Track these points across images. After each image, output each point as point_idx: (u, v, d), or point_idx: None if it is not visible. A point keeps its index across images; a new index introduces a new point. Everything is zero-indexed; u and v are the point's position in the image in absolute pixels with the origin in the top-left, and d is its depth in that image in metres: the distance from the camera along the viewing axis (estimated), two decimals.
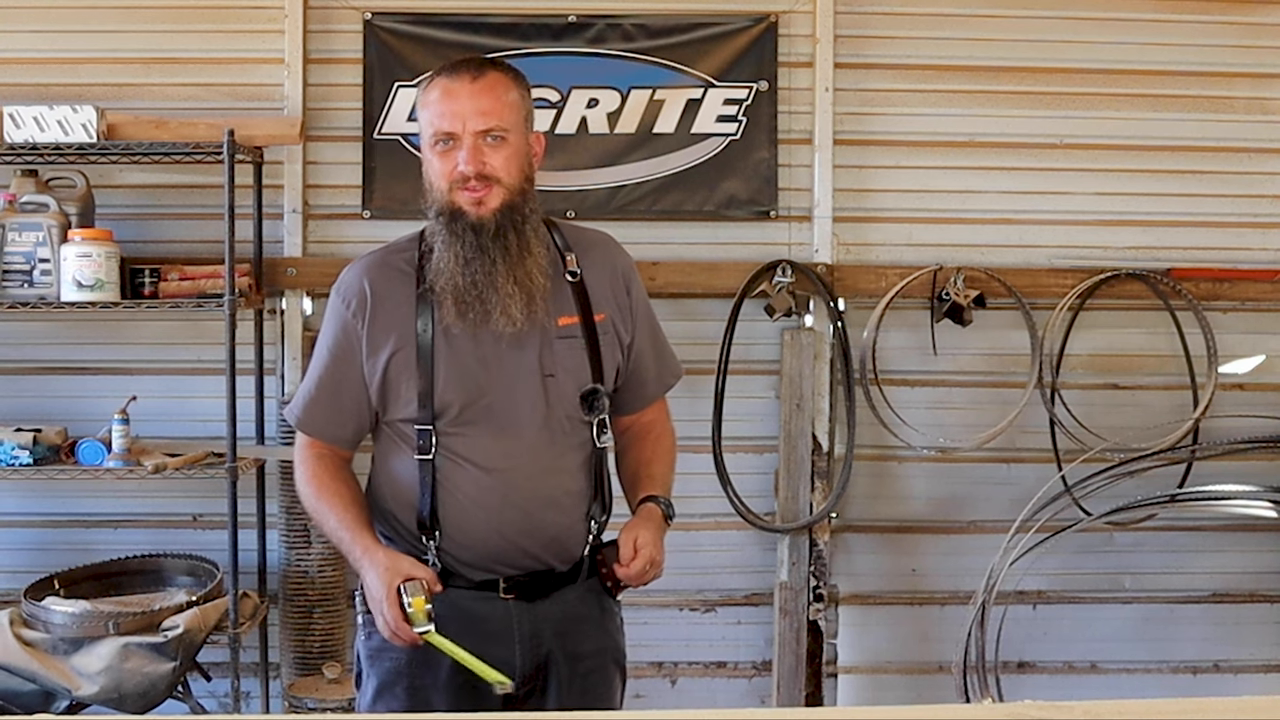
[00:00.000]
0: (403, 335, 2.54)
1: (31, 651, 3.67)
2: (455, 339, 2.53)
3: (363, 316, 2.56)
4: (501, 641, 2.56)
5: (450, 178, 2.52)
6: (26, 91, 4.14)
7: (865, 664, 4.51)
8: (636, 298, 2.71)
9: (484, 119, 2.50)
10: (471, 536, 2.54)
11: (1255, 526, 4.49)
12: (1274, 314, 4.48)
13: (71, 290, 3.84)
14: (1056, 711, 1.51)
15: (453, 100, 2.51)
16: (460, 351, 2.53)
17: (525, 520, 2.55)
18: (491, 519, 2.53)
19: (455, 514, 2.54)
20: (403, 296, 2.56)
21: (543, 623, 2.58)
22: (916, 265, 4.33)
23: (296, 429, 2.67)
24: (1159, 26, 4.41)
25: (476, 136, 2.50)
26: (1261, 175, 4.46)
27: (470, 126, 2.50)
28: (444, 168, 2.52)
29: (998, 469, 4.46)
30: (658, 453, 2.76)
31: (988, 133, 4.40)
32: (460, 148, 2.50)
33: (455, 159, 2.51)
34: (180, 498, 4.27)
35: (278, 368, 4.27)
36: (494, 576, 2.57)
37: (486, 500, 2.53)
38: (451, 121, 2.50)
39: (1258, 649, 4.57)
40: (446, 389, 2.52)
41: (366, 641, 2.60)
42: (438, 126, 2.52)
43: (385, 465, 2.62)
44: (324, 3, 4.27)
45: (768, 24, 4.34)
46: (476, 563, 2.56)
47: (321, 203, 4.32)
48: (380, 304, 2.56)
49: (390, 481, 2.61)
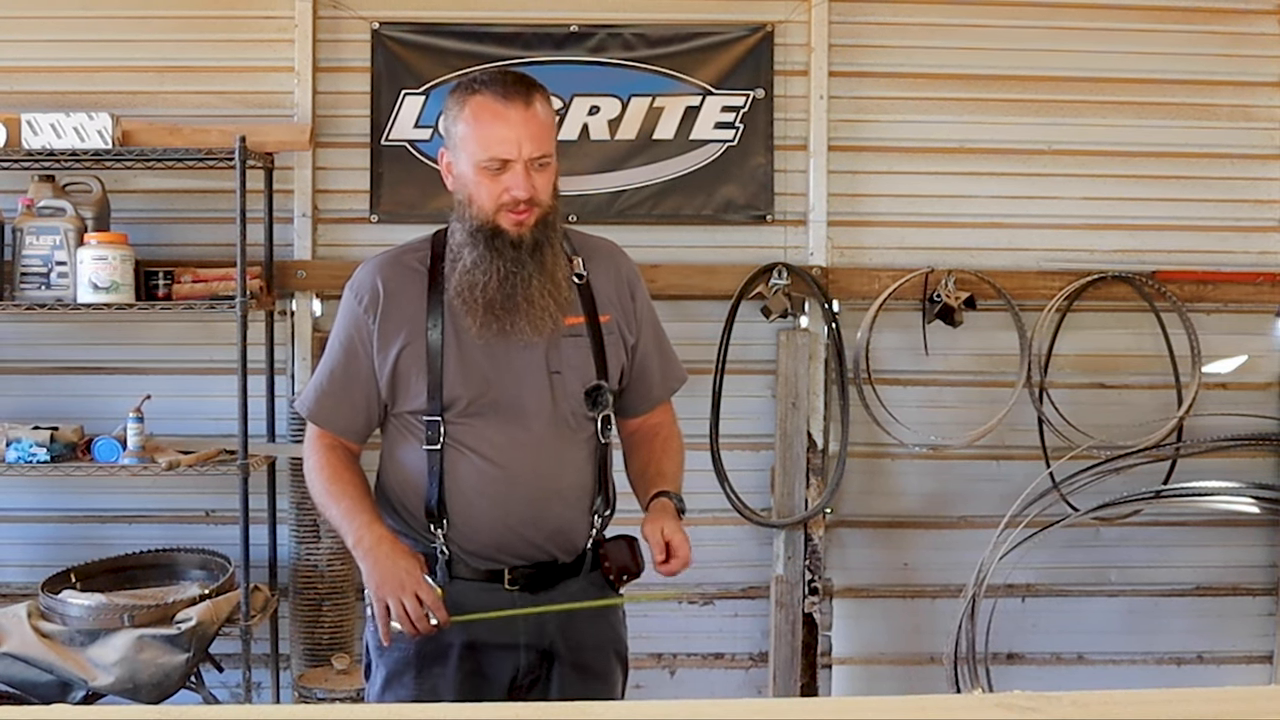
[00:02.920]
0: (413, 330, 2.54)
1: (49, 643, 3.67)
2: (465, 335, 2.53)
3: (374, 311, 2.56)
4: (506, 632, 2.56)
5: (499, 200, 2.50)
6: (44, 99, 4.14)
7: (859, 655, 4.51)
8: (641, 303, 2.71)
9: (537, 146, 2.49)
10: (477, 526, 2.54)
11: (1238, 522, 4.49)
12: (1256, 315, 4.49)
13: (87, 292, 3.84)
14: (1045, 701, 1.51)
15: (507, 126, 2.47)
16: (469, 347, 2.54)
17: (530, 511, 2.55)
18: (497, 509, 2.54)
19: (462, 504, 2.54)
20: (414, 293, 2.56)
21: (547, 614, 2.58)
22: (909, 268, 4.33)
23: (307, 419, 2.66)
24: (1144, 36, 4.41)
25: (529, 163, 2.49)
26: (1244, 180, 4.46)
27: (524, 153, 2.48)
28: (493, 190, 2.50)
29: (988, 466, 4.46)
30: (667, 451, 2.76)
31: (978, 139, 4.41)
32: (510, 172, 2.48)
33: (504, 183, 2.49)
34: (193, 494, 4.27)
35: (288, 367, 4.28)
36: (499, 567, 2.57)
37: (493, 491, 2.53)
38: (507, 148, 2.47)
39: (1240, 641, 4.57)
40: (455, 382, 2.52)
41: (376, 633, 2.59)
42: (493, 152, 2.48)
43: (394, 456, 2.63)
44: (333, 13, 4.27)
45: (764, 33, 4.34)
46: (482, 552, 2.56)
47: (330, 207, 4.32)
48: (392, 299, 2.56)
49: (399, 471, 2.61)
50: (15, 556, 4.27)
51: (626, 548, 2.63)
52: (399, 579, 2.46)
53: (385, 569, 2.47)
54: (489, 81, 2.53)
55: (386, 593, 2.46)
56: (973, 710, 1.51)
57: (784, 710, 1.63)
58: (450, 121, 2.54)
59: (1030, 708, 1.49)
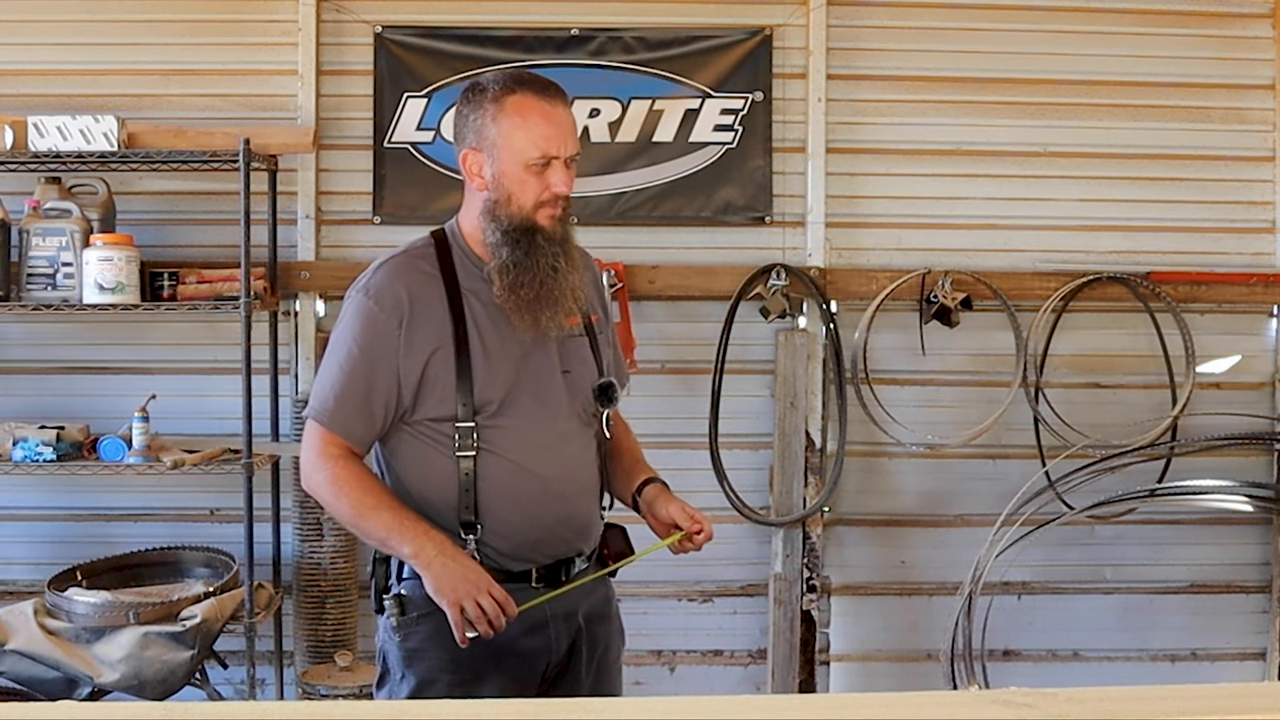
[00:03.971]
0: (440, 335, 2.50)
1: (55, 640, 3.67)
2: (488, 338, 2.52)
3: (399, 318, 2.50)
4: (538, 631, 2.55)
5: (541, 197, 2.51)
6: (50, 102, 4.14)
7: (856, 652, 4.51)
8: (607, 303, 2.79)
9: (575, 144, 2.54)
10: (512, 527, 2.53)
11: (1231, 520, 4.49)
12: (1249, 315, 4.49)
13: (93, 293, 3.84)
14: (1041, 698, 1.51)
15: (554, 125, 2.49)
16: (493, 349, 2.52)
17: (563, 508, 2.56)
18: (532, 509, 2.53)
19: (498, 507, 2.51)
20: (435, 298, 2.53)
21: (572, 608, 2.59)
22: (906, 269, 4.33)
23: (323, 427, 2.53)
24: (1139, 40, 4.41)
25: (569, 160, 2.52)
26: (1237, 182, 4.46)
27: (567, 151, 2.51)
28: (537, 188, 2.50)
29: (984, 465, 4.46)
30: (635, 444, 2.79)
31: (974, 141, 4.40)
32: (553, 169, 2.50)
33: (548, 180, 2.50)
34: (198, 492, 4.27)
35: (291, 367, 4.27)
36: (529, 567, 2.55)
37: (526, 492, 2.52)
38: (554, 145, 2.49)
39: (1234, 638, 4.57)
40: (486, 385, 2.50)
41: (404, 643, 2.53)
42: (544, 150, 2.48)
43: (412, 464, 2.55)
44: (336, 17, 4.27)
45: (763, 37, 4.34)
46: (516, 554, 2.54)
47: (333, 209, 4.32)
48: (417, 306, 2.51)
49: (421, 482, 2.54)
50: (22, 554, 4.27)
51: (621, 535, 2.69)
52: (472, 582, 2.43)
53: (455, 574, 2.44)
54: (523, 81, 2.53)
55: (461, 596, 2.42)
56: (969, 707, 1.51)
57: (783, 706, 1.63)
58: (483, 122, 2.51)
59: (1026, 704, 1.49)
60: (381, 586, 2.57)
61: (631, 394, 2.84)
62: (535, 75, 2.57)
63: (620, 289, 4.16)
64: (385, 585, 2.56)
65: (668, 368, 4.37)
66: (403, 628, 2.52)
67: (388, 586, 2.56)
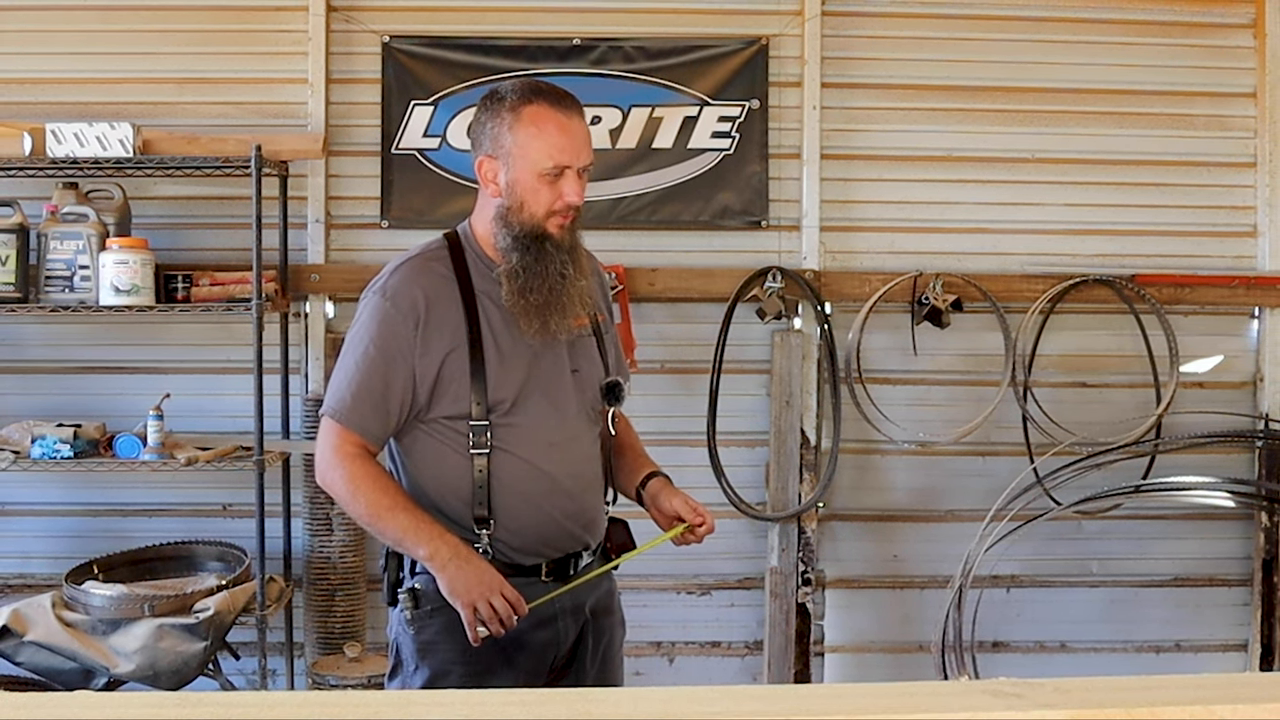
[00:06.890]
0: (455, 335, 2.50)
1: (72, 632, 3.67)
2: (501, 338, 2.51)
3: (415, 319, 2.49)
4: (547, 625, 2.55)
5: (553, 206, 2.50)
6: (67, 109, 4.14)
7: (850, 644, 4.51)
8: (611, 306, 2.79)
9: (589, 155, 2.53)
10: (523, 523, 2.52)
11: (1214, 515, 4.49)
12: (1231, 317, 4.49)
13: (109, 295, 3.84)
14: (1028, 688, 1.51)
15: (569, 136, 2.49)
16: (506, 349, 2.51)
17: (572, 503, 2.56)
18: (544, 504, 2.53)
19: (511, 502, 2.51)
20: (450, 299, 2.52)
21: (579, 602, 2.59)
22: (898, 271, 4.33)
23: (341, 424, 2.51)
24: (1124, 49, 4.41)
25: (582, 171, 2.51)
26: (1220, 187, 4.46)
27: (580, 161, 2.50)
28: (549, 197, 2.49)
29: (974, 462, 4.46)
30: (637, 440, 2.79)
31: (965, 148, 4.41)
32: (566, 179, 2.49)
33: (560, 189, 2.49)
34: (211, 488, 4.27)
35: (302, 367, 4.28)
36: (539, 561, 2.55)
37: (538, 487, 2.52)
38: (569, 156, 2.48)
39: (1217, 630, 4.57)
40: (499, 385, 2.49)
41: (417, 635, 2.53)
42: (558, 160, 2.47)
43: (426, 461, 2.54)
44: (345, 26, 4.27)
45: (759, 47, 4.34)
46: (526, 548, 2.54)
47: (343, 213, 4.32)
48: (433, 308, 2.50)
49: (436, 478, 2.53)
50: (40, 549, 4.27)
51: (624, 529, 2.70)
52: (485, 583, 2.44)
53: (469, 576, 2.44)
54: (541, 91, 2.52)
55: (475, 597, 2.43)
56: (959, 696, 1.51)
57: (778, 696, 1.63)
58: (500, 130, 2.50)
59: (1015, 694, 1.49)
60: (394, 580, 2.56)
61: (632, 393, 2.83)
62: (553, 86, 2.55)
63: (621, 291, 4.16)
64: (398, 579, 2.55)
65: (667, 367, 4.37)
66: (416, 621, 2.52)
67: (400, 580, 2.55)
